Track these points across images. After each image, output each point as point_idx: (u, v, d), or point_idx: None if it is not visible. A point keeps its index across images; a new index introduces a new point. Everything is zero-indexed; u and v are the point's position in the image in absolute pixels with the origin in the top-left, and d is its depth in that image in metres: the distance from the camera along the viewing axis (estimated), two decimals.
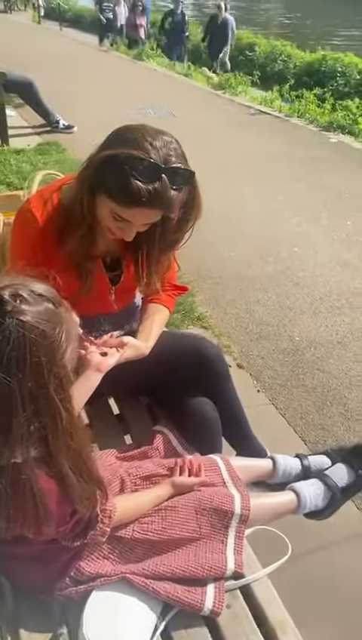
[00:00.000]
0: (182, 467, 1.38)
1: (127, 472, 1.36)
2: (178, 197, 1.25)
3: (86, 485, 1.00)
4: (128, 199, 1.22)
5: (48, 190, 1.46)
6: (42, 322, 0.86)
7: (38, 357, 0.85)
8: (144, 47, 12.62)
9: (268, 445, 1.81)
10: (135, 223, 1.30)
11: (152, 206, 1.23)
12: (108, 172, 1.23)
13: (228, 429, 1.62)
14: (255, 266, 3.74)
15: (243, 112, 8.17)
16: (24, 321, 0.83)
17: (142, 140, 1.21)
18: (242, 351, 2.90)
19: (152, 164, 1.19)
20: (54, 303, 0.90)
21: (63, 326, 0.90)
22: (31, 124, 6.29)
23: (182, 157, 1.26)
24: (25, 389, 0.85)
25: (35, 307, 0.86)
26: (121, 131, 1.26)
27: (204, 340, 1.61)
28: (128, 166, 1.18)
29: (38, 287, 0.89)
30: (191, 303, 3.19)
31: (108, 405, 1.72)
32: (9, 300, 0.84)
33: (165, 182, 1.20)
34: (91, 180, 1.28)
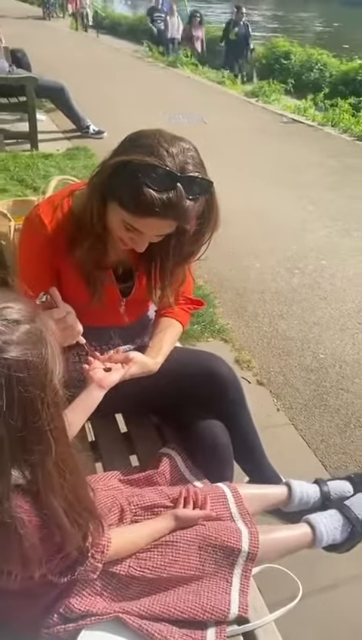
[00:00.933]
0: (187, 498, 1.28)
1: (128, 500, 1.27)
2: (194, 207, 1.17)
3: (78, 523, 0.91)
4: (140, 209, 1.14)
5: (59, 196, 1.39)
6: (27, 352, 0.77)
7: (28, 392, 0.77)
8: (178, 54, 12.60)
9: (285, 469, 1.71)
10: (147, 234, 1.23)
11: (166, 216, 1.15)
12: (121, 179, 1.15)
13: (240, 454, 1.53)
14: (280, 278, 3.63)
15: (276, 119, 8.06)
16: (7, 358, 0.75)
17: (158, 146, 1.14)
18: (263, 367, 2.78)
19: (167, 172, 1.11)
20: (30, 321, 0.81)
21: (47, 343, 0.81)
22: (61, 129, 6.29)
23: (199, 165, 1.18)
24: (13, 429, 0.77)
25: (14, 336, 0.77)
26: (136, 136, 1.19)
27: (218, 360, 1.51)
28: (141, 174, 1.11)
29: (11, 311, 0.79)
30: (211, 314, 3.10)
31: (115, 422, 1.64)
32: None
33: (180, 191, 1.12)
34: (103, 186, 1.21)
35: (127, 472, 1.43)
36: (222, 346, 2.89)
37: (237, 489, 1.36)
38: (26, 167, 4.88)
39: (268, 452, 1.65)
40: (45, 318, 0.84)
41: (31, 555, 0.86)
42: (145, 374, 1.40)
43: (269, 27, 11.38)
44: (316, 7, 26.90)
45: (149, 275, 1.44)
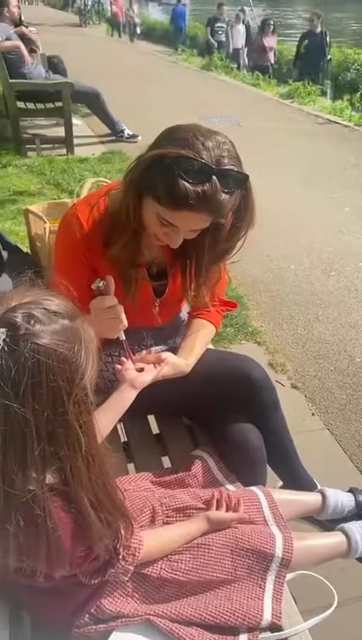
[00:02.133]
0: (219, 501, 1.26)
1: (160, 501, 1.26)
2: (229, 201, 1.16)
3: (108, 520, 0.91)
4: (175, 201, 1.14)
5: (95, 196, 1.40)
6: (59, 343, 0.77)
7: (55, 382, 0.77)
8: (212, 57, 12.57)
9: (319, 475, 1.67)
10: (182, 228, 1.22)
11: (200, 209, 1.14)
12: (156, 173, 1.15)
13: (274, 458, 1.50)
14: (316, 280, 3.57)
15: (311, 120, 7.97)
16: (40, 344, 0.75)
17: (193, 139, 1.13)
18: (297, 370, 2.74)
19: (202, 164, 1.10)
20: (70, 317, 0.82)
21: (82, 344, 0.82)
22: (97, 134, 6.35)
23: (235, 159, 1.17)
24: (41, 418, 0.77)
25: (50, 327, 0.77)
26: (172, 131, 1.18)
27: (251, 362, 1.49)
28: (176, 166, 1.10)
29: (52, 304, 0.80)
30: (245, 316, 3.07)
31: (147, 423, 1.63)
32: (22, 322, 0.75)
33: (216, 184, 1.11)
34: (138, 181, 1.21)
35: (159, 474, 1.42)
36: (255, 349, 2.86)
37: (270, 493, 1.34)
38: (62, 172, 4.95)
39: (303, 457, 1.62)
40: (87, 324, 0.85)
41: (58, 552, 0.86)
42: (178, 375, 1.39)
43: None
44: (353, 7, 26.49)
45: (184, 274, 1.43)
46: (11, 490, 0.80)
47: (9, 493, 0.80)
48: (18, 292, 0.82)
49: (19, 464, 0.79)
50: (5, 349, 0.74)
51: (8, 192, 4.50)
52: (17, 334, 0.75)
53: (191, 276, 1.42)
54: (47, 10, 31.58)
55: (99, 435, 0.89)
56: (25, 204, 4.14)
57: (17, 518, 0.81)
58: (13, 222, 3.89)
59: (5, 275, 1.70)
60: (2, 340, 0.74)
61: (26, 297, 0.81)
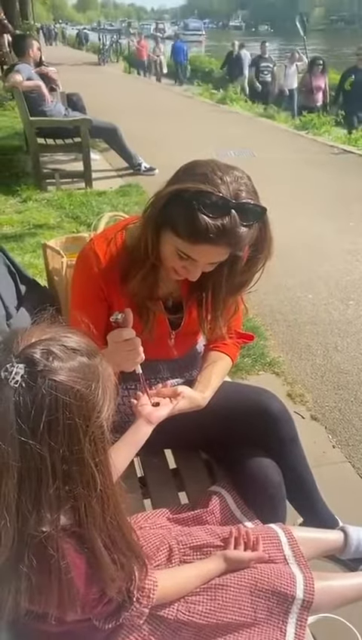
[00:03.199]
0: (238, 539, 1.23)
1: (177, 539, 1.23)
2: (248, 234, 1.16)
3: (121, 562, 0.89)
4: (195, 235, 1.15)
5: (112, 230, 1.42)
6: (77, 381, 0.77)
7: (72, 420, 0.76)
8: (227, 92, 12.82)
9: (340, 510, 1.62)
10: (200, 262, 1.22)
11: (220, 243, 1.15)
12: (175, 207, 1.17)
13: (293, 493, 1.46)
14: (333, 309, 3.55)
15: (326, 151, 8.04)
16: (57, 381, 0.75)
17: (212, 174, 1.15)
18: (317, 401, 2.70)
19: (221, 198, 1.12)
20: (89, 355, 0.82)
21: (99, 381, 0.81)
22: (114, 167, 6.48)
23: (253, 193, 1.18)
24: (56, 456, 0.77)
25: (68, 363, 0.77)
26: (190, 166, 1.20)
27: (270, 396, 1.47)
28: (196, 201, 1.12)
29: (71, 340, 0.81)
30: (262, 347, 3.04)
31: (164, 458, 1.61)
32: (40, 358, 0.76)
33: (235, 218, 1.12)
34: (158, 216, 1.22)
35: (176, 511, 1.40)
36: (273, 380, 2.83)
37: (290, 531, 1.30)
38: (81, 205, 5.03)
39: (323, 491, 1.58)
40: (105, 362, 0.85)
41: (70, 595, 0.84)
42: (194, 409, 1.38)
43: None
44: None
45: (201, 306, 1.43)
46: (25, 529, 0.79)
47: (23, 533, 0.79)
48: (38, 328, 0.83)
49: (33, 502, 0.78)
50: (23, 385, 0.74)
51: (28, 225, 4.58)
52: (35, 370, 0.75)
53: (207, 308, 1.42)
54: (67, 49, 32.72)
55: (115, 471, 0.88)
56: (44, 237, 4.22)
57: (30, 558, 0.80)
58: (33, 255, 3.94)
59: (23, 309, 1.72)
60: (20, 375, 0.75)
61: (46, 334, 0.81)
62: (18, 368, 0.75)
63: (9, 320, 1.65)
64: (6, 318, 1.65)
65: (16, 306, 1.73)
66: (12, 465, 0.75)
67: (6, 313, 1.66)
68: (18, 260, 2.96)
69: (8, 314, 1.67)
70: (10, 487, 0.76)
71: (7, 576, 0.81)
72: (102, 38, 24.94)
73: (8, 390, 0.74)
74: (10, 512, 0.77)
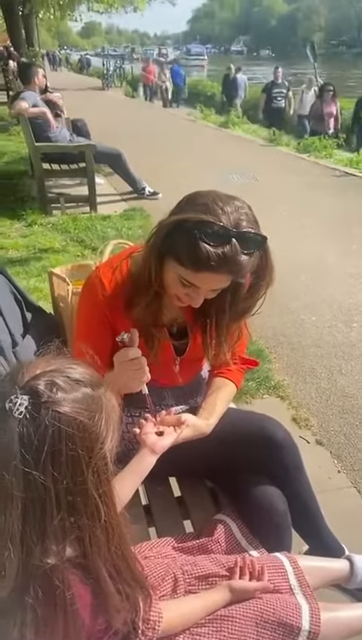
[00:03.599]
0: (243, 568, 1.23)
1: (182, 569, 1.23)
2: (249, 262, 1.19)
3: (126, 593, 0.89)
4: (197, 263, 1.18)
5: (118, 258, 1.45)
6: (80, 412, 0.78)
7: (75, 451, 0.78)
8: (229, 115, 13.00)
9: (346, 537, 1.62)
10: (203, 289, 1.25)
11: (221, 271, 1.18)
12: (178, 237, 1.20)
13: (298, 521, 1.46)
14: (337, 332, 3.56)
15: (328, 174, 8.12)
16: (60, 412, 0.77)
17: (213, 204, 1.18)
18: (322, 425, 2.69)
19: (222, 227, 1.14)
20: (93, 386, 0.83)
21: (103, 412, 0.83)
22: (119, 192, 6.56)
23: (253, 222, 1.21)
24: (60, 487, 0.78)
25: (71, 395, 0.79)
26: (192, 197, 1.23)
27: (274, 423, 1.47)
28: (197, 230, 1.15)
29: (75, 372, 0.82)
30: (266, 370, 3.05)
31: (169, 486, 1.61)
32: (44, 390, 0.77)
33: (235, 246, 1.15)
34: (160, 245, 1.25)
35: (181, 539, 1.39)
36: (278, 404, 2.83)
37: (296, 560, 1.30)
38: (85, 229, 5.09)
39: (329, 517, 1.58)
40: (110, 393, 0.86)
41: (76, 627, 0.84)
42: (199, 437, 1.38)
43: None
44: None
45: (205, 332, 1.45)
46: (30, 560, 0.79)
47: (27, 564, 0.79)
48: (43, 360, 0.84)
49: (38, 534, 0.79)
50: (27, 416, 0.76)
51: (33, 249, 4.63)
52: (39, 402, 0.77)
53: (211, 335, 1.44)
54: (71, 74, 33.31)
55: (120, 502, 0.89)
56: (49, 262, 4.27)
57: (35, 589, 0.81)
58: (38, 279, 3.98)
59: (29, 337, 1.74)
60: (24, 407, 0.76)
61: (51, 365, 0.82)
62: (22, 400, 0.76)
63: (15, 348, 1.67)
64: (12, 345, 1.67)
65: (22, 333, 1.74)
66: (16, 495, 0.76)
67: (12, 341, 1.68)
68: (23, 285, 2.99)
69: (14, 342, 1.69)
70: (15, 518, 0.77)
71: (13, 608, 0.81)
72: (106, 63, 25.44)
73: (12, 421, 0.75)
74: (14, 542, 0.78)
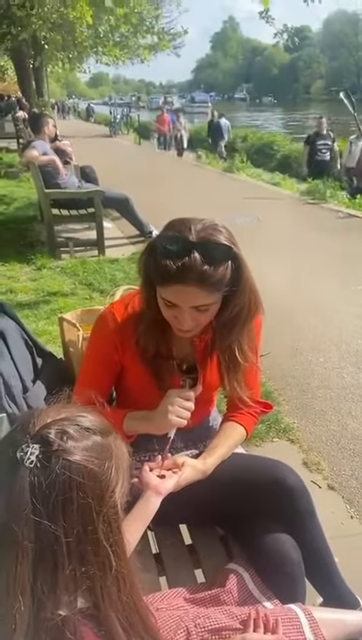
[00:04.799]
0: (257, 621, 1.20)
1: (194, 622, 1.20)
2: (216, 273, 1.19)
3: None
4: (162, 277, 1.21)
5: (129, 296, 1.50)
6: (90, 460, 0.79)
7: (85, 499, 0.78)
8: (234, 160, 13.32)
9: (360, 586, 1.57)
10: (183, 307, 1.25)
11: (187, 282, 1.19)
12: (148, 257, 1.25)
13: (311, 571, 1.42)
14: (346, 373, 3.54)
15: (332, 216, 8.25)
16: (71, 461, 0.77)
17: (180, 224, 1.23)
18: (333, 469, 2.65)
19: (181, 239, 1.18)
20: (103, 434, 0.84)
21: (113, 460, 0.83)
22: (126, 235, 6.67)
23: (223, 236, 1.23)
24: (71, 536, 0.78)
25: (82, 443, 0.80)
26: (168, 223, 1.28)
27: (284, 468, 1.46)
28: (160, 245, 1.19)
29: (86, 420, 0.83)
30: (276, 412, 3.02)
31: (179, 533, 1.58)
32: (55, 438, 0.78)
33: (195, 257, 1.17)
34: (141, 270, 1.31)
35: (192, 590, 1.36)
36: (288, 447, 2.80)
37: (311, 613, 1.27)
38: (94, 272, 5.16)
39: (342, 564, 1.54)
40: (120, 440, 0.87)
41: None
42: (200, 477, 1.38)
43: None
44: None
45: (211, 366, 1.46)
46: (41, 612, 0.78)
47: (38, 616, 0.78)
48: (54, 409, 0.85)
49: (49, 585, 0.78)
50: (38, 465, 0.76)
51: (42, 293, 4.69)
52: (50, 450, 0.77)
53: (221, 371, 1.45)
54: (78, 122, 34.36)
55: (128, 548, 0.88)
56: (58, 305, 4.32)
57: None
58: (47, 322, 4.02)
59: (39, 383, 1.75)
60: (35, 456, 0.77)
61: (61, 414, 0.83)
62: (33, 449, 0.77)
63: (25, 393, 1.68)
64: (23, 391, 1.68)
65: (32, 379, 1.76)
66: (26, 546, 0.76)
67: (23, 387, 1.69)
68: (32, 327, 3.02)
69: (25, 387, 1.70)
70: (25, 569, 0.77)
71: None
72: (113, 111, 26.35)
73: (24, 470, 0.76)
74: (25, 595, 0.77)
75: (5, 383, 1.64)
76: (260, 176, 12.20)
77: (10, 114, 16.54)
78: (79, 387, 1.47)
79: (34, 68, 19.30)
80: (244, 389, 1.48)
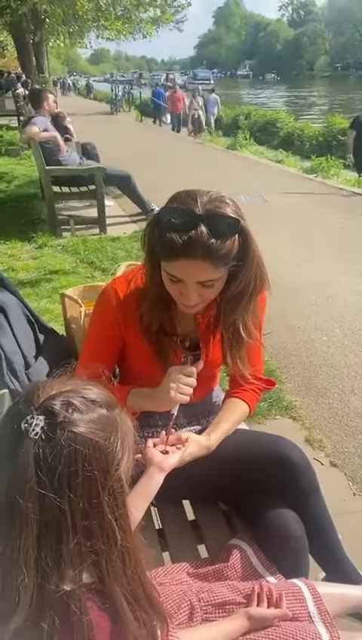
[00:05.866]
0: (260, 595, 1.20)
1: (198, 596, 1.20)
2: (222, 246, 1.16)
3: (143, 619, 0.87)
4: (167, 252, 1.18)
5: (132, 271, 1.48)
6: (96, 432, 0.78)
7: (90, 472, 0.76)
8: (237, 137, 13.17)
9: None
10: (188, 282, 1.22)
11: (195, 256, 1.16)
12: (153, 232, 1.22)
13: (315, 546, 1.42)
14: (349, 351, 3.53)
15: (336, 194, 8.16)
16: (76, 432, 0.76)
17: (186, 195, 1.19)
18: (336, 447, 2.65)
19: (188, 212, 1.14)
20: (108, 407, 0.82)
21: (118, 433, 0.82)
22: (128, 213, 6.61)
23: (229, 208, 1.19)
24: (76, 509, 0.76)
25: (87, 415, 0.78)
26: (173, 195, 1.24)
27: (289, 444, 1.45)
28: (165, 219, 1.15)
29: (91, 392, 0.82)
30: (279, 390, 3.02)
31: (182, 509, 1.58)
32: (60, 410, 0.77)
33: (202, 230, 1.13)
34: (146, 245, 1.27)
35: (196, 565, 1.36)
36: (290, 425, 2.80)
37: (314, 587, 1.27)
38: (95, 250, 5.13)
39: (345, 541, 1.54)
40: (125, 414, 0.85)
41: None
42: (204, 453, 1.37)
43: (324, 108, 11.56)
44: None
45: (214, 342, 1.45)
46: (45, 585, 0.78)
47: (43, 589, 0.78)
48: (59, 381, 0.84)
49: (54, 558, 0.77)
50: (43, 437, 0.75)
51: (44, 271, 4.66)
52: (55, 422, 0.76)
53: (223, 347, 1.44)
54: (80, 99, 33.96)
55: (133, 522, 0.87)
56: (60, 283, 4.30)
57: (52, 616, 0.79)
58: (49, 300, 4.00)
59: (41, 359, 1.74)
60: (40, 427, 0.75)
61: (66, 386, 0.82)
62: (38, 420, 0.76)
63: (28, 369, 1.67)
64: (25, 367, 1.67)
65: (34, 355, 1.75)
66: (31, 518, 0.75)
67: (25, 363, 1.68)
68: (34, 306, 3.01)
69: (27, 363, 1.69)
70: (30, 542, 0.76)
71: (28, 636, 0.80)
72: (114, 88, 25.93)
73: (28, 442, 0.75)
74: (29, 567, 0.76)
75: (7, 359, 1.63)
76: (263, 153, 12.05)
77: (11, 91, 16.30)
78: (82, 363, 1.46)
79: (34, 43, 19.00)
80: (247, 366, 1.46)
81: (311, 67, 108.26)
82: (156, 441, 1.33)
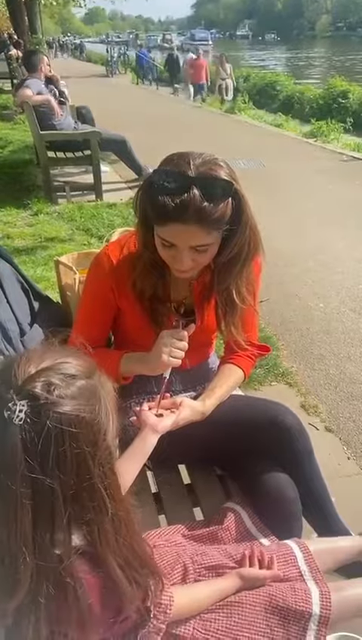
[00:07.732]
0: (252, 558, 1.22)
1: (192, 559, 1.22)
2: (216, 210, 1.14)
3: (137, 580, 0.89)
4: (159, 216, 1.16)
5: (126, 237, 1.46)
6: (80, 408, 0.77)
7: (80, 448, 0.76)
8: (236, 100, 12.90)
9: (356, 522, 1.61)
10: (180, 246, 1.21)
11: (187, 220, 1.14)
12: (145, 195, 1.20)
13: (308, 509, 1.45)
14: (346, 318, 3.53)
15: (336, 158, 8.04)
16: (61, 412, 0.75)
17: (179, 158, 1.17)
18: (331, 412, 2.68)
19: (180, 175, 1.12)
20: (88, 376, 0.81)
21: (101, 401, 0.81)
22: (124, 179, 6.52)
23: (223, 171, 1.17)
24: (67, 486, 0.77)
25: (69, 391, 0.77)
26: (165, 158, 1.22)
27: (283, 409, 1.46)
28: (157, 182, 1.13)
29: (69, 366, 0.80)
30: (275, 357, 3.03)
31: (178, 473, 1.61)
32: (41, 392, 0.75)
33: (194, 193, 1.11)
34: (138, 209, 1.26)
35: (191, 527, 1.39)
36: (286, 391, 2.82)
37: (306, 546, 1.29)
38: (91, 217, 5.07)
39: (338, 504, 1.57)
40: (104, 376, 0.85)
41: (89, 618, 0.84)
42: (198, 418, 1.38)
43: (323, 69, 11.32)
44: None
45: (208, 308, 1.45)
46: (43, 560, 0.79)
47: (41, 566, 0.79)
48: (35, 354, 0.81)
49: (50, 534, 0.78)
50: (28, 421, 0.74)
51: (40, 238, 4.62)
52: (38, 404, 0.75)
53: (218, 313, 1.44)
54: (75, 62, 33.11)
55: (125, 485, 0.88)
56: (55, 250, 4.26)
57: (48, 588, 0.80)
58: (45, 268, 3.97)
59: (36, 326, 1.73)
60: (24, 412, 0.74)
61: (44, 361, 0.80)
62: (20, 405, 0.74)
63: (23, 337, 1.67)
64: (20, 334, 1.66)
65: (29, 322, 1.74)
66: (25, 503, 0.75)
67: (20, 330, 1.67)
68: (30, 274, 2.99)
69: (22, 330, 1.68)
70: (26, 524, 0.76)
71: (27, 609, 0.81)
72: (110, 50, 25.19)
73: (13, 428, 0.73)
74: (27, 546, 0.77)
75: (2, 327, 1.62)
76: (262, 117, 11.83)
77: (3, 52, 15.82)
78: (77, 328, 1.46)
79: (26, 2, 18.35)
80: (241, 332, 1.45)
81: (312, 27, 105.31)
82: (151, 405, 1.34)
